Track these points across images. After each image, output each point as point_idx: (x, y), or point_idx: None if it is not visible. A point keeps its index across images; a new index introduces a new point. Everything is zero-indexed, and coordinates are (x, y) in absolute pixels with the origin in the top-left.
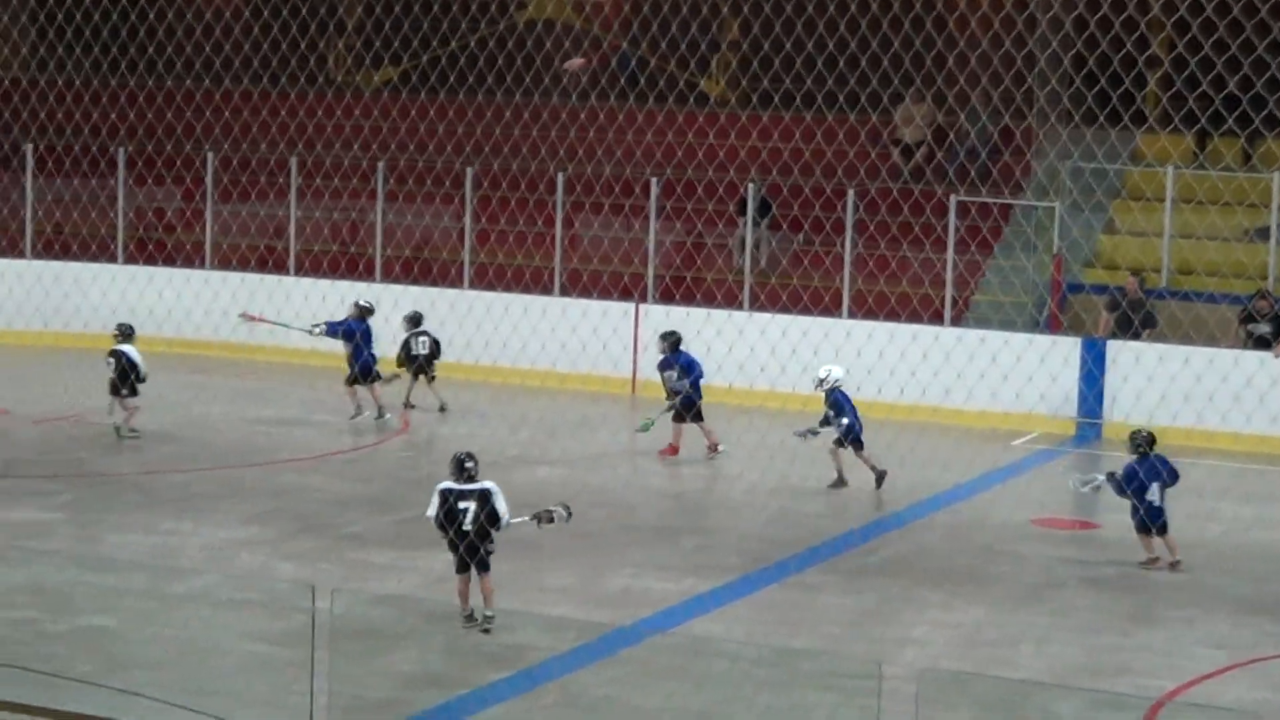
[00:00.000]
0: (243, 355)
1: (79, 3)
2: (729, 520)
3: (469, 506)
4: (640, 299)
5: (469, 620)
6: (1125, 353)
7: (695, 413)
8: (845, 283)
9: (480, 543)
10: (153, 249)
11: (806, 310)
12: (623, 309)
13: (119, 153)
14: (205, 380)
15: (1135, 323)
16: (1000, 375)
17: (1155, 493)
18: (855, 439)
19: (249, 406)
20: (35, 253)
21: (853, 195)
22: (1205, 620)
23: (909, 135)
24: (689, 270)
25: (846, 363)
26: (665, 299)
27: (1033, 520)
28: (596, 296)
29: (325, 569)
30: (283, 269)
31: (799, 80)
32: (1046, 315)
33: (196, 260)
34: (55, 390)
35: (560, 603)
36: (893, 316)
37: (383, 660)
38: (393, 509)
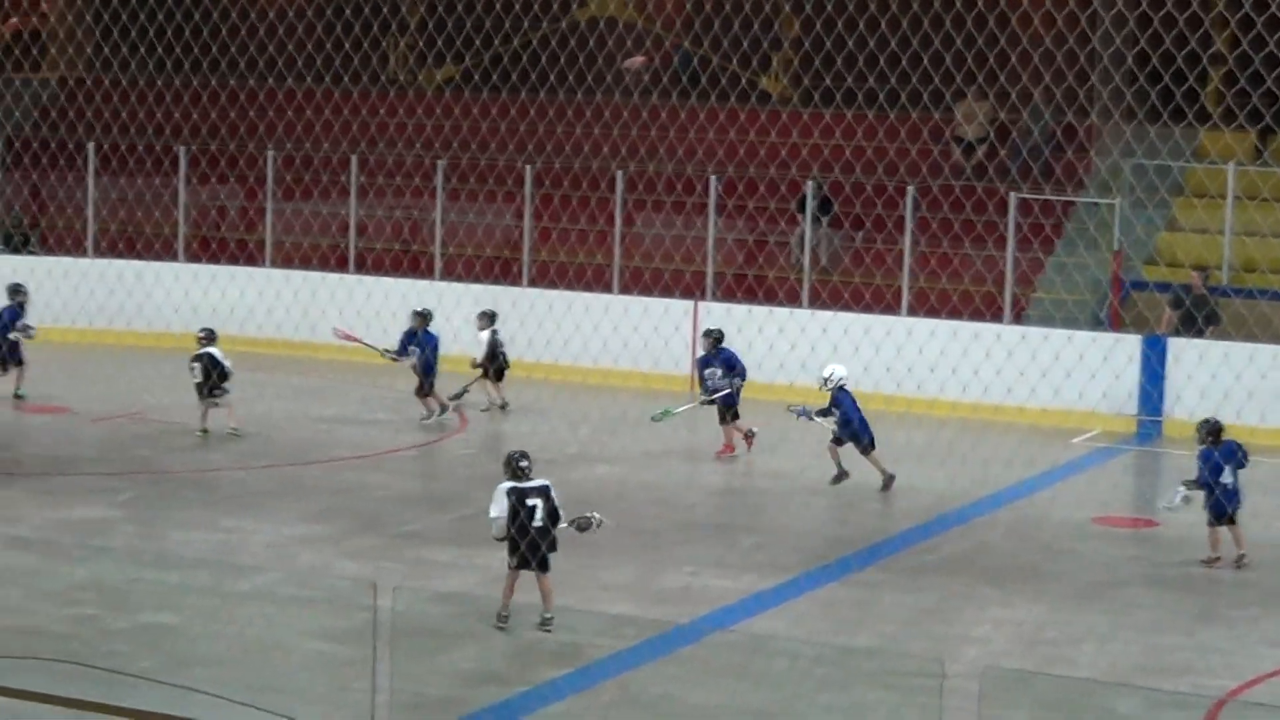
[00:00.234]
0: (304, 353)
1: (141, 2)
2: (788, 518)
3: (537, 503)
4: (699, 297)
5: (504, 620)
6: (1189, 350)
7: (734, 412)
8: (905, 281)
9: (542, 540)
10: (215, 248)
11: (868, 308)
12: (682, 307)
13: (180, 151)
14: (266, 378)
15: (1199, 320)
16: (1063, 373)
17: (1229, 475)
18: (869, 441)
19: (309, 404)
20: (99, 251)
21: (913, 193)
22: (1269, 619)
23: (971, 133)
24: (750, 268)
25: (908, 361)
26: (727, 297)
27: (1094, 518)
28: (656, 294)
29: (385, 567)
30: (343, 267)
31: (860, 78)
32: (1107, 312)
33: (258, 259)
34: (117, 388)
35: (619, 600)
36: (954, 314)
37: (443, 658)
38: (452, 507)
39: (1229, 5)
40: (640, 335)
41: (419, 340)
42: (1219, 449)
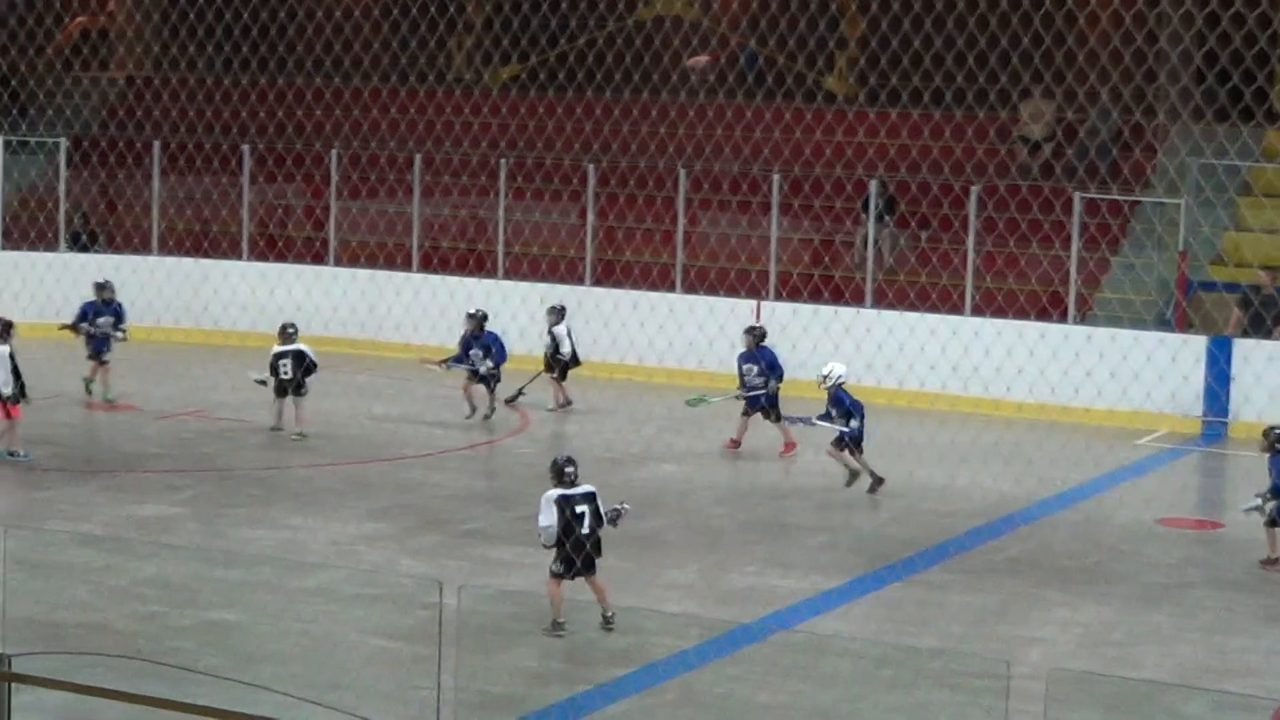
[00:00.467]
0: (367, 352)
1: (208, 1)
2: (852, 518)
3: (585, 510)
4: (763, 297)
5: (561, 628)
6: (1256, 351)
7: (777, 413)
8: (969, 280)
9: (590, 545)
10: (282, 246)
11: (933, 308)
12: (745, 307)
13: (245, 150)
14: (329, 376)
15: (1267, 320)
16: (1130, 374)
17: None
18: (855, 441)
19: (373, 403)
20: (164, 250)
21: (977, 192)
22: None
23: (1037, 132)
24: (816, 268)
25: (974, 361)
26: (790, 297)
27: (1159, 520)
28: (719, 294)
29: (448, 565)
30: (407, 266)
31: (926, 77)
32: (1173, 313)
33: (322, 257)
34: (183, 386)
35: (683, 600)
36: (1021, 315)
37: (505, 656)
38: (515, 505)
39: None
40: (705, 335)
41: (483, 343)
42: None
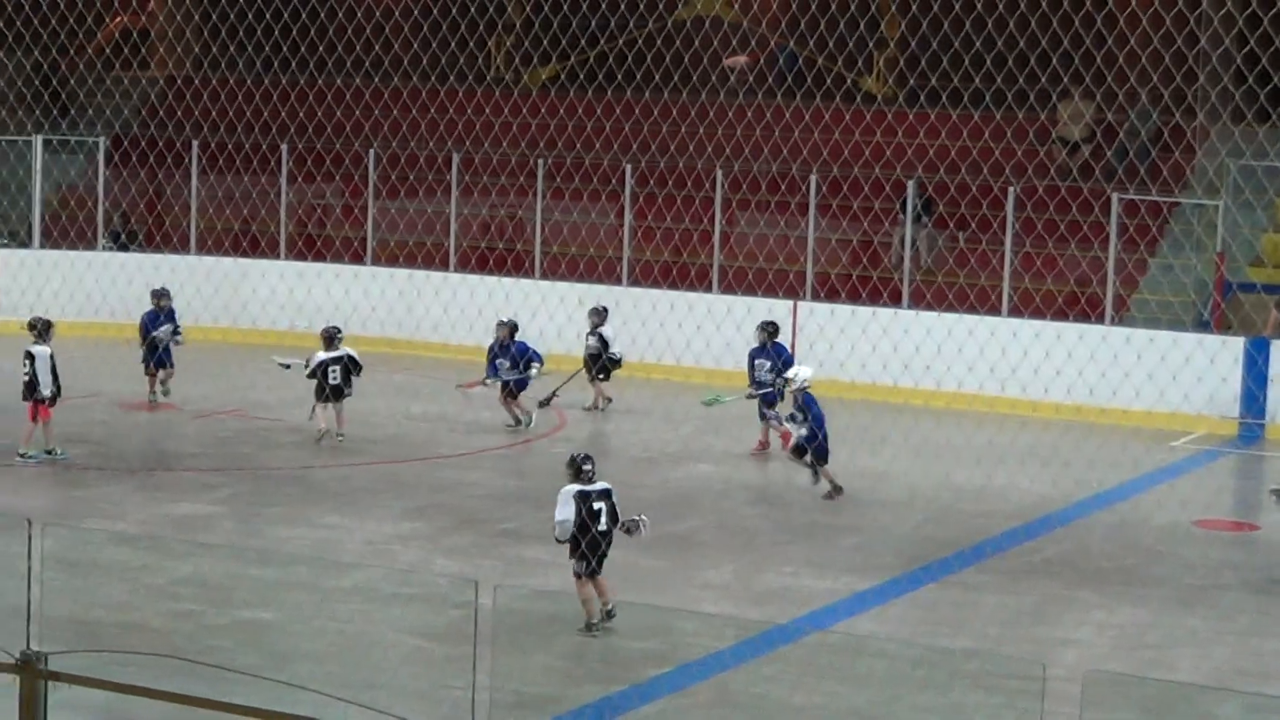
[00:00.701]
0: (404, 351)
1: (248, 1)
2: (887, 519)
3: (602, 507)
4: (800, 297)
5: (593, 629)
6: None
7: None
8: (1006, 281)
9: (604, 543)
10: (320, 245)
11: (972, 309)
12: (783, 307)
13: (284, 149)
14: (366, 376)
15: None
16: (1169, 375)
17: None
18: (820, 450)
19: (409, 402)
20: (202, 249)
21: (1014, 193)
22: None
23: (1076, 133)
24: (854, 268)
25: (1012, 362)
26: (829, 297)
27: (1196, 522)
28: (759, 294)
29: (483, 564)
30: (444, 266)
31: (965, 78)
32: (1210, 314)
33: (360, 257)
34: (219, 385)
35: (718, 600)
36: (1060, 316)
37: (541, 655)
38: (550, 505)
39: None
40: (742, 335)
41: (512, 353)
42: None
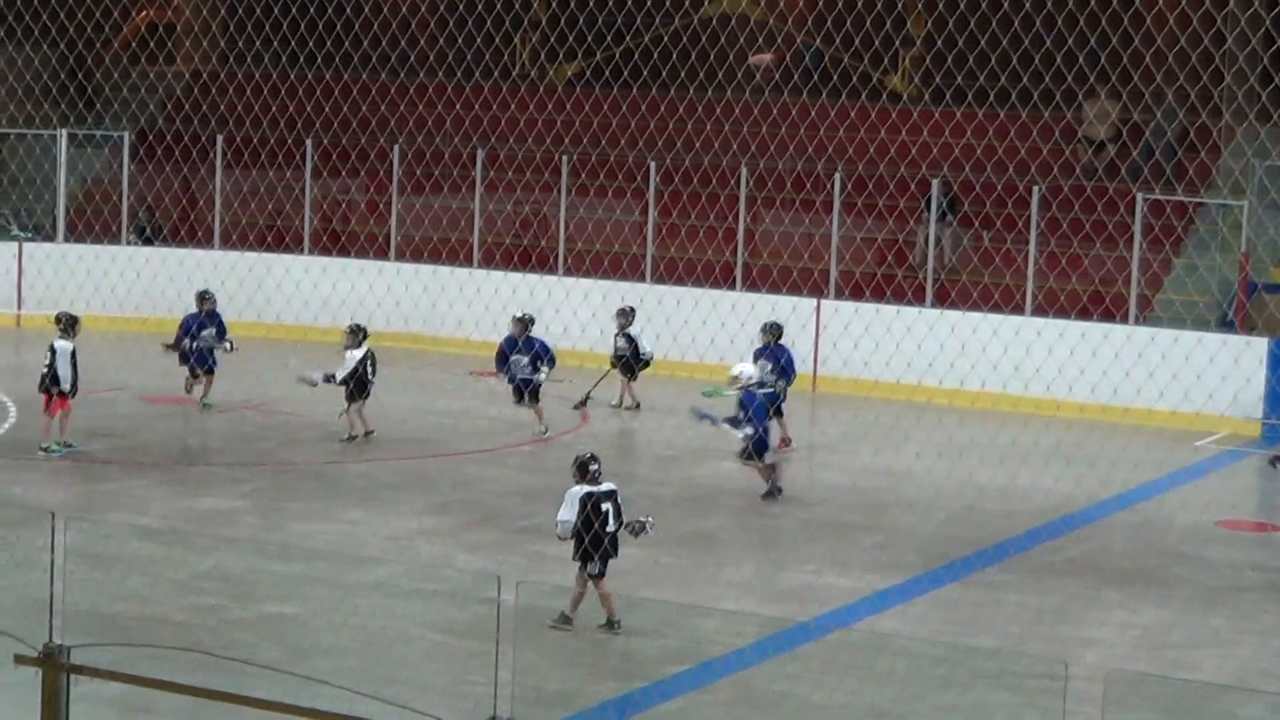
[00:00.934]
0: (427, 347)
1: None
2: (910, 518)
3: (609, 508)
4: (823, 295)
5: (566, 623)
6: None
7: (777, 409)
8: (1030, 280)
9: (609, 544)
10: (346, 240)
11: (996, 308)
12: (807, 305)
13: (308, 144)
14: (388, 371)
15: None
16: (1194, 375)
17: None
18: (759, 447)
19: (432, 398)
20: (227, 244)
21: (1039, 192)
22: None
23: (1103, 132)
24: (878, 267)
25: (1036, 361)
26: (853, 295)
27: (1218, 522)
28: (783, 293)
29: (505, 560)
30: (468, 262)
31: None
32: (1234, 314)
33: (384, 252)
34: (243, 380)
35: (740, 597)
36: (1084, 315)
37: (563, 652)
38: None
39: None
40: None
41: (520, 349)
42: None
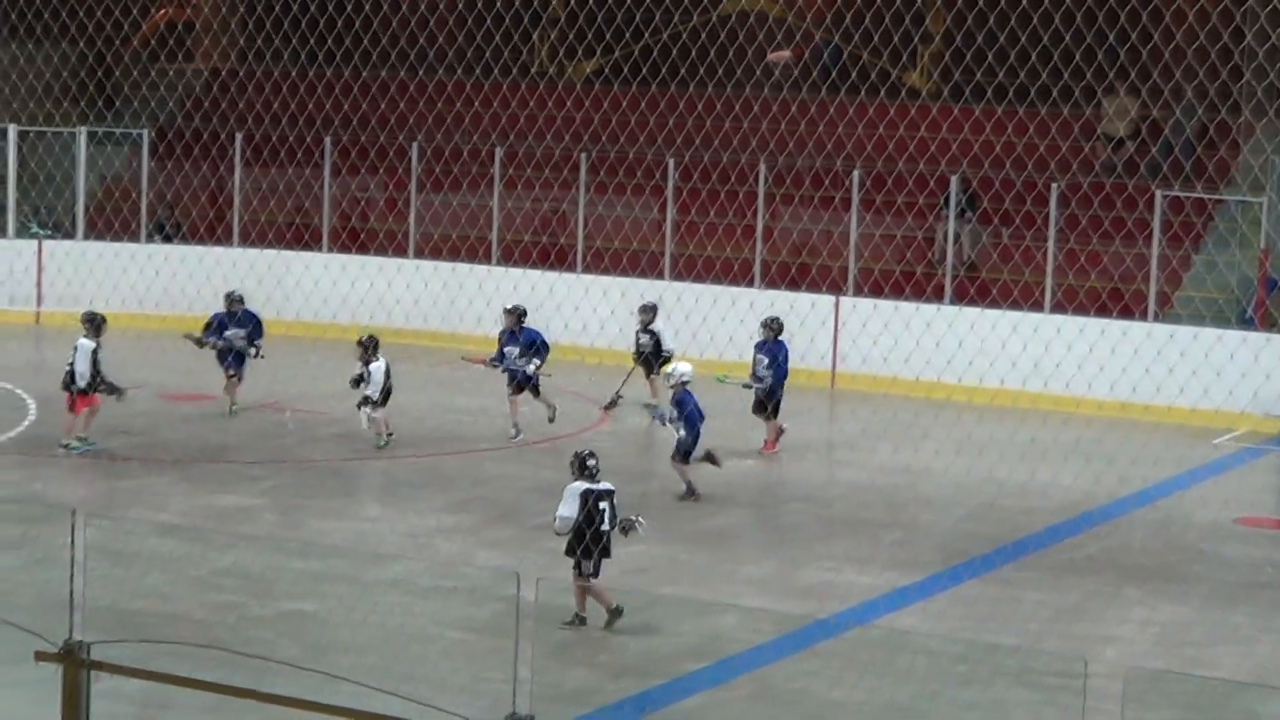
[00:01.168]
0: (446, 344)
1: None
2: (929, 515)
3: (605, 507)
4: (842, 292)
5: (580, 623)
6: None
7: (774, 407)
8: (1049, 277)
9: (606, 543)
10: (365, 237)
11: (1015, 305)
12: (825, 302)
13: (327, 142)
14: (407, 368)
15: None
16: (1213, 372)
17: None
18: (684, 451)
19: (451, 395)
20: (247, 241)
21: (1058, 189)
22: None
23: (1122, 129)
24: (897, 264)
25: (1056, 358)
26: (872, 292)
27: (1238, 519)
28: (804, 289)
29: (524, 557)
30: (486, 259)
31: (1010, 73)
32: (1254, 311)
33: (402, 250)
34: (261, 377)
35: (759, 595)
36: (1103, 312)
37: (581, 649)
38: None
39: None
40: (787, 330)
41: (521, 341)
42: None
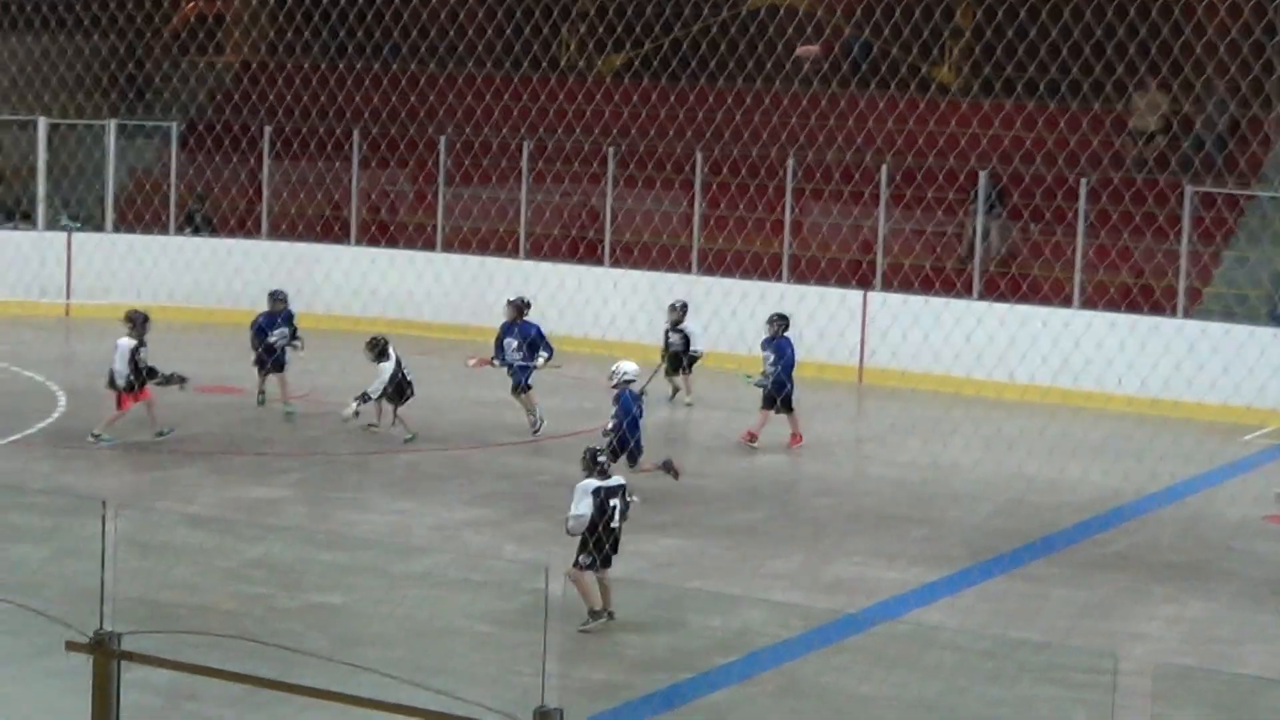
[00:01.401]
0: (473, 337)
1: None
2: (956, 510)
3: (616, 503)
4: (870, 287)
5: (598, 616)
6: None
7: (785, 401)
8: (1078, 273)
9: (615, 539)
10: (394, 231)
11: (1044, 301)
12: (854, 297)
13: (356, 135)
14: (437, 362)
15: None
16: (1244, 369)
17: None
18: (630, 452)
19: (478, 388)
20: (275, 234)
21: (1087, 185)
22: None
23: (1152, 124)
24: (926, 259)
25: (1085, 354)
26: (901, 287)
27: (1267, 517)
28: (831, 284)
29: (552, 550)
30: (514, 253)
31: (1040, 68)
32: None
33: (430, 243)
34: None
35: (786, 589)
36: (1133, 308)
37: (609, 642)
38: None
39: None
40: (815, 325)
41: (520, 333)
42: None
